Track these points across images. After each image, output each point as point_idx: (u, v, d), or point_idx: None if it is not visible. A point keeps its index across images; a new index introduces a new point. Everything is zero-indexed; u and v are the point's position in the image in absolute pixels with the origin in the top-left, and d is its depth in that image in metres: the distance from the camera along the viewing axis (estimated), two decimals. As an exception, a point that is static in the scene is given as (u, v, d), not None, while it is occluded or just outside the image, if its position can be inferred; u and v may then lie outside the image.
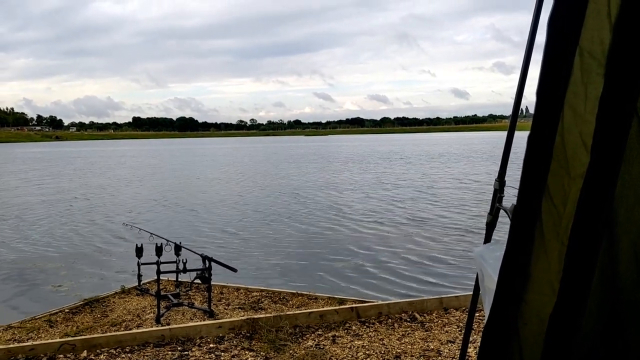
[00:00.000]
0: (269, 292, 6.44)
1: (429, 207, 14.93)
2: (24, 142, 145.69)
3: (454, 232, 11.27)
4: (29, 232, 12.42)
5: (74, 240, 11.48)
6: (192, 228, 12.69)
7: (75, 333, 5.13)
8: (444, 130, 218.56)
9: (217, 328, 4.83)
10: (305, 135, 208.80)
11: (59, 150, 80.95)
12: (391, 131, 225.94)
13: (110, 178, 28.41)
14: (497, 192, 2.47)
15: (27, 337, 5.13)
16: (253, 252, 9.91)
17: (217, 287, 6.47)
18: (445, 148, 58.67)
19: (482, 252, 2.11)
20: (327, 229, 12.06)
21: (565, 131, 1.54)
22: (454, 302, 5.47)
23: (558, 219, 1.56)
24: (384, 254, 9.51)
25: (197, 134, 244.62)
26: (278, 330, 4.75)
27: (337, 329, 4.93)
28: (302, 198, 17.86)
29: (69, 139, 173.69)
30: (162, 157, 53.05)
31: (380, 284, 7.72)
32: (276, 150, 65.02)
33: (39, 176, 30.29)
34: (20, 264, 9.38)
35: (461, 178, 23.38)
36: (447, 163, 33.81)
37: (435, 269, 8.44)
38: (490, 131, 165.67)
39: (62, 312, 5.88)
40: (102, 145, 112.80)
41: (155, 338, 4.66)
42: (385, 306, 5.37)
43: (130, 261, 7.78)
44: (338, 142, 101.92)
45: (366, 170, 29.50)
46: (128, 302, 6.20)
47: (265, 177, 27.05)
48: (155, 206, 16.91)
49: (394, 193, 18.61)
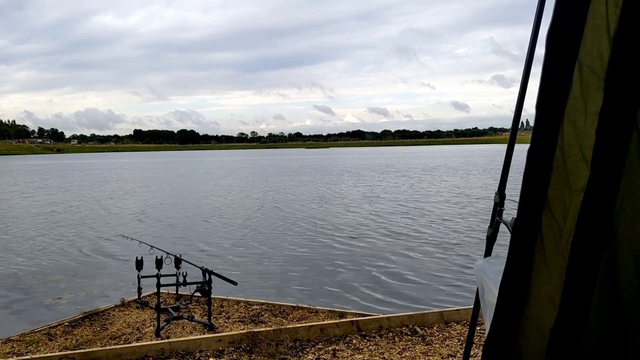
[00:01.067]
0: (269, 305, 6.42)
1: (427, 221, 14.91)
2: (25, 155, 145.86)
3: (452, 245, 11.23)
4: (28, 245, 12.40)
5: (74, 253, 11.46)
6: (191, 241, 12.66)
7: (75, 346, 5.11)
8: (444, 143, 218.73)
9: (217, 342, 4.81)
10: (306, 147, 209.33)
11: (58, 162, 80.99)
12: (392, 144, 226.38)
13: (108, 191, 28.41)
14: (497, 206, 2.47)
15: (26, 350, 5.10)
16: (253, 266, 9.88)
17: (217, 300, 6.45)
18: (442, 161, 58.73)
19: (482, 265, 2.10)
20: (328, 243, 12.03)
21: (565, 145, 1.54)
22: (454, 316, 5.44)
23: (559, 233, 1.56)
24: (384, 267, 9.48)
25: (198, 146, 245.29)
26: (278, 344, 4.73)
27: (338, 342, 4.91)
28: (301, 212, 17.84)
29: (70, 152, 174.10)
30: (161, 170, 53.08)
31: (381, 297, 7.68)
32: (275, 163, 65.06)
33: (36, 188, 30.29)
34: (20, 277, 9.36)
35: (457, 191, 23.36)
36: (442, 176, 33.79)
37: (435, 282, 8.41)
38: (490, 144, 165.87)
39: (61, 325, 5.85)
40: (102, 157, 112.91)
41: (155, 352, 4.64)
42: (385, 320, 5.35)
43: (130, 274, 7.77)
44: (338, 154, 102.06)
45: (362, 184, 29.50)
46: (128, 315, 6.17)
47: (263, 190, 27.05)
48: (153, 219, 16.89)
49: (390, 206, 18.59)
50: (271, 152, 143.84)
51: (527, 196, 1.60)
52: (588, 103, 1.48)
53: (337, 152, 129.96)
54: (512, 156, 2.44)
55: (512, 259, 1.66)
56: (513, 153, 2.45)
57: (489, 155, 68.92)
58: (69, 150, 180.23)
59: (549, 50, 1.55)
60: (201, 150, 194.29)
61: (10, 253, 11.48)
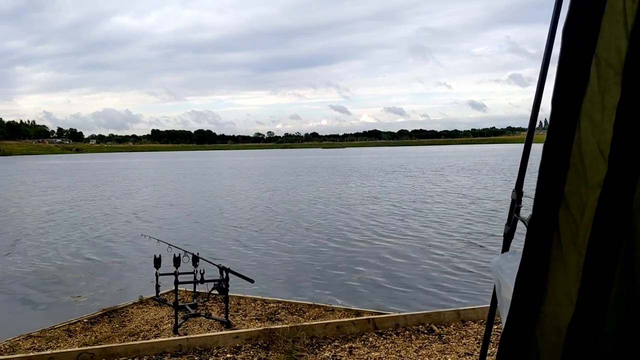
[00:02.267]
0: (285, 303, 6.44)
1: (441, 219, 14.85)
2: (44, 155, 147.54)
3: (469, 244, 11.19)
4: (49, 243, 12.56)
5: (93, 251, 11.58)
6: (209, 239, 12.74)
7: (94, 342, 5.17)
8: (461, 142, 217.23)
9: (234, 338, 4.84)
10: (322, 147, 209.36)
11: (74, 162, 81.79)
12: (408, 143, 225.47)
13: (126, 189, 28.66)
14: (514, 203, 2.46)
15: (47, 346, 5.17)
16: (270, 264, 9.91)
17: (234, 298, 6.48)
18: (454, 160, 58.38)
19: (499, 262, 2.10)
20: (343, 241, 12.04)
21: (583, 140, 1.54)
22: (471, 314, 5.42)
23: (575, 229, 1.55)
24: (400, 265, 9.47)
25: (215, 146, 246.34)
26: (295, 341, 4.75)
27: (354, 340, 4.92)
28: (317, 210, 17.87)
29: (89, 152, 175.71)
30: (175, 169, 53.41)
31: (397, 296, 7.68)
32: (290, 163, 65.15)
33: (48, 187, 30.66)
34: (40, 274, 9.48)
35: (472, 191, 23.24)
36: (456, 176, 33.60)
37: (451, 281, 8.38)
38: (508, 143, 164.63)
39: (80, 322, 5.92)
40: (120, 157, 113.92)
41: (173, 348, 4.68)
42: (402, 318, 5.34)
43: (149, 272, 7.84)
44: (352, 154, 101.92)
45: (371, 184, 29.43)
46: (146, 313, 6.23)
47: (279, 189, 27.10)
48: (171, 217, 17.01)
49: (406, 205, 18.54)
50: (287, 152, 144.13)
51: (544, 192, 1.60)
52: (605, 98, 1.48)
53: (352, 152, 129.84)
54: (529, 154, 2.44)
55: (528, 255, 1.65)
56: (530, 150, 2.45)
57: (504, 155, 68.40)
58: (88, 150, 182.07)
59: (565, 44, 1.54)
60: (218, 150, 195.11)
61: (29, 251, 11.63)
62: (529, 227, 1.69)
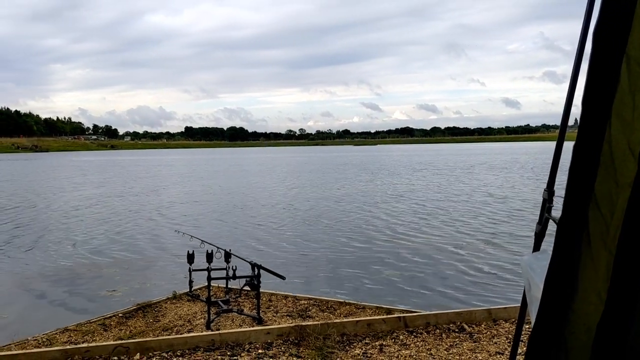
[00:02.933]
0: (316, 300, 6.48)
1: (472, 218, 14.74)
2: (80, 151, 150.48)
3: (500, 243, 11.09)
4: (84, 238, 12.85)
5: (127, 246, 11.82)
6: (240, 236, 12.87)
7: (129, 336, 5.29)
8: (495, 140, 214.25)
9: (265, 334, 4.90)
10: (354, 145, 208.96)
11: (109, 159, 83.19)
12: (441, 141, 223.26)
13: (159, 185, 29.08)
14: (545, 202, 2.46)
15: (83, 339, 5.31)
16: (300, 261, 9.99)
17: (265, 295, 6.55)
18: (486, 158, 57.66)
19: (529, 261, 2.10)
20: (374, 238, 12.04)
21: (613, 139, 1.54)
22: (502, 314, 5.39)
23: (605, 228, 1.55)
24: (430, 264, 9.44)
25: (247, 143, 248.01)
26: (325, 337, 4.79)
27: (385, 338, 4.94)
28: (348, 207, 17.89)
29: (123, 148, 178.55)
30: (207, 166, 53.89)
31: (428, 294, 7.67)
32: (321, 160, 65.17)
33: (89, 183, 31.27)
34: (77, 269, 9.72)
35: (501, 190, 22.96)
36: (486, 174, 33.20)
37: (483, 280, 8.33)
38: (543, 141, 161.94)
39: (115, 317, 6.06)
40: (153, 154, 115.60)
41: (206, 343, 4.76)
42: (433, 316, 5.34)
43: (182, 267, 7.97)
44: (383, 152, 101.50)
45: (400, 181, 29.29)
46: (179, 308, 6.34)
47: (313, 187, 27.17)
48: (203, 214, 17.22)
49: (433, 204, 18.44)
50: (318, 149, 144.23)
51: (574, 191, 1.60)
52: (636, 97, 1.48)
53: (384, 149, 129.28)
54: (561, 153, 2.42)
55: (558, 254, 1.66)
56: (562, 149, 2.44)
57: (537, 153, 67.34)
58: (122, 147, 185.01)
59: (596, 44, 1.55)
60: (249, 147, 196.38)
61: (64, 246, 11.92)
62: (558, 226, 1.70)
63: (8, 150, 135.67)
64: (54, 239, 12.87)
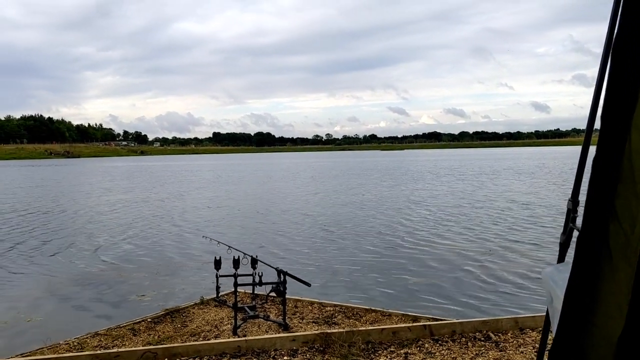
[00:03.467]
0: (342, 307, 6.50)
1: (498, 224, 14.59)
2: (110, 157, 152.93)
3: (527, 251, 10.97)
4: (114, 243, 13.06)
5: (157, 251, 11.98)
6: (265, 241, 12.94)
7: (157, 342, 5.38)
8: (525, 144, 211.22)
9: (291, 341, 4.94)
10: (381, 149, 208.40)
11: (138, 164, 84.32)
12: (469, 145, 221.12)
13: (188, 191, 29.37)
14: (570, 212, 2.45)
15: (113, 344, 5.42)
16: (325, 267, 10.01)
17: (291, 301, 6.60)
18: (512, 163, 56.92)
19: (550, 273, 2.10)
20: (398, 245, 12.02)
21: (633, 153, 1.54)
22: (530, 323, 5.35)
23: (626, 242, 1.56)
24: (457, 272, 9.38)
25: (274, 148, 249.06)
26: (351, 345, 4.81)
27: (410, 346, 4.94)
28: (372, 213, 17.86)
29: (153, 154, 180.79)
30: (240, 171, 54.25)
31: (455, 302, 7.62)
32: (348, 165, 65.10)
33: (117, 188, 31.73)
34: (107, 274, 9.89)
35: (528, 197, 22.67)
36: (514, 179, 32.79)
37: (509, 288, 8.25)
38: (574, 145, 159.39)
39: (144, 322, 6.16)
40: (181, 159, 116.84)
41: (232, 349, 4.82)
42: (459, 325, 5.32)
43: (209, 272, 8.07)
44: (409, 156, 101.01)
45: (433, 186, 29.10)
46: (207, 313, 6.42)
47: (336, 192, 27.17)
48: (227, 219, 17.36)
49: (462, 209, 18.30)
50: (344, 154, 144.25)
51: (594, 205, 1.60)
52: (656, 111, 1.48)
53: (410, 154, 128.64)
54: (586, 161, 2.41)
55: (579, 267, 1.66)
56: (587, 157, 2.42)
57: (565, 158, 66.28)
58: (152, 153, 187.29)
59: (615, 56, 1.55)
60: (277, 153, 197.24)
61: (95, 251, 12.13)
62: (579, 239, 1.70)
63: (41, 156, 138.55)
64: (83, 244, 13.11)
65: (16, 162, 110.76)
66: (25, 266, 10.70)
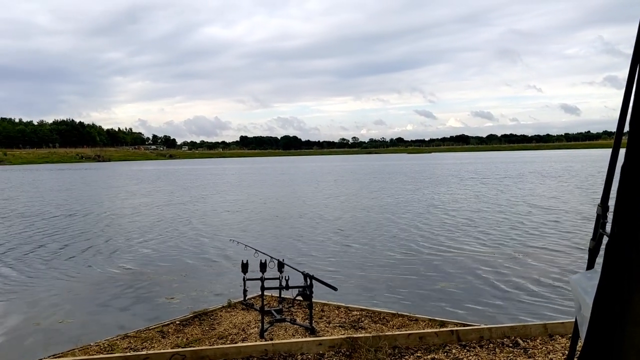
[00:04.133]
0: (369, 311, 6.49)
1: (525, 229, 14.41)
2: (140, 160, 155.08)
3: (557, 256, 10.81)
4: (143, 246, 13.24)
5: (185, 254, 12.12)
6: (290, 244, 12.98)
7: (185, 344, 5.44)
8: (554, 147, 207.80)
9: (317, 345, 4.95)
10: (407, 152, 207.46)
11: (167, 168, 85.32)
12: (498, 148, 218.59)
13: (213, 194, 29.61)
14: (599, 218, 2.41)
15: (142, 346, 5.49)
16: (351, 270, 10.01)
17: (318, 305, 6.61)
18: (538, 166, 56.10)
19: (578, 280, 2.07)
20: (423, 248, 11.96)
21: (664, 160, 1.52)
22: (559, 329, 5.27)
23: (656, 250, 1.53)
24: (485, 276, 9.30)
25: (301, 152, 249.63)
26: (377, 350, 4.80)
27: (437, 351, 4.91)
28: (399, 217, 17.79)
29: (181, 157, 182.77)
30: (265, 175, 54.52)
31: (483, 306, 7.56)
32: (372, 168, 64.91)
33: (143, 191, 32.12)
34: (137, 277, 10.03)
35: (557, 200, 22.32)
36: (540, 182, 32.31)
37: (538, 293, 8.15)
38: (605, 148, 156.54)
39: (173, 324, 6.24)
40: (208, 163, 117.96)
41: (259, 352, 4.85)
42: (486, 330, 5.27)
43: (236, 275, 8.13)
44: (435, 160, 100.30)
45: (457, 190, 28.84)
46: (234, 316, 6.47)
47: (360, 196, 27.12)
48: (253, 222, 17.45)
49: (486, 214, 18.12)
50: (370, 158, 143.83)
51: (623, 210, 1.58)
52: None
53: (437, 157, 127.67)
54: (615, 165, 2.37)
55: (608, 274, 1.64)
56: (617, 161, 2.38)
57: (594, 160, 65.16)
58: (180, 156, 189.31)
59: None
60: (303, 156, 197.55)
61: (126, 254, 12.31)
62: (608, 245, 1.68)
63: (73, 160, 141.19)
64: (112, 246, 13.32)
65: (48, 165, 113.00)
66: (57, 268, 10.91)
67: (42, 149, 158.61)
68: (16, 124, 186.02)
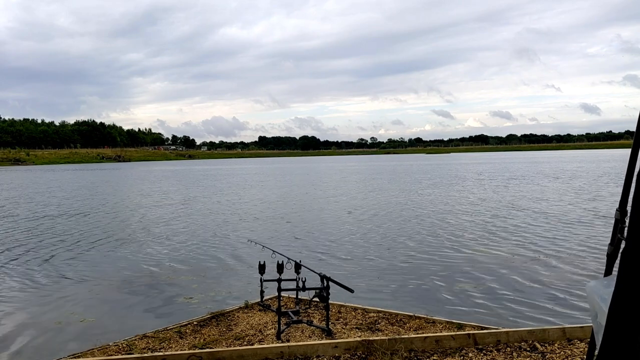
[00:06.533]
0: (386, 313, 6.48)
1: (553, 232, 14.26)
2: (159, 160, 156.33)
3: (577, 259, 10.69)
4: (162, 246, 13.34)
5: (203, 254, 12.19)
6: (306, 245, 12.99)
7: (202, 345, 5.48)
8: (575, 147, 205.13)
9: (333, 348, 4.96)
10: (426, 152, 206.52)
11: (186, 168, 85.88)
12: (518, 148, 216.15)
13: (232, 195, 29.74)
14: (618, 222, 2.38)
15: (160, 346, 5.54)
16: (367, 272, 9.99)
17: (335, 306, 6.61)
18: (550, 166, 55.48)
19: (595, 287, 2.05)
20: (441, 250, 11.89)
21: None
22: (578, 333, 5.22)
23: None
24: (503, 278, 9.23)
25: (319, 152, 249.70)
26: (393, 353, 4.79)
27: (453, 355, 4.89)
28: (417, 219, 17.72)
29: (200, 158, 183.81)
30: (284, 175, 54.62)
31: (501, 309, 7.50)
32: (388, 168, 64.71)
33: (163, 190, 32.36)
34: (157, 277, 10.11)
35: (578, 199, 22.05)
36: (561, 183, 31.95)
37: (558, 297, 8.06)
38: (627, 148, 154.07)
39: (190, 325, 6.28)
40: (226, 163, 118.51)
41: (275, 354, 4.87)
42: (504, 334, 5.23)
43: (253, 276, 8.17)
44: (452, 160, 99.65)
45: (475, 190, 28.64)
46: (251, 317, 6.50)
47: (374, 197, 27.04)
48: (269, 222, 17.50)
49: (512, 214, 17.96)
50: (388, 158, 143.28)
51: (638, 222, 1.57)
52: None
53: (455, 157, 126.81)
54: (634, 169, 2.34)
55: (624, 280, 1.63)
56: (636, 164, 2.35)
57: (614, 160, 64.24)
58: (199, 157, 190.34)
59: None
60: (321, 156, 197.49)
61: (145, 254, 12.42)
62: (624, 250, 1.66)
63: (94, 160, 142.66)
64: (131, 246, 13.44)
65: (70, 165, 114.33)
66: (76, 268, 11.03)
67: (64, 150, 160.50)
68: (39, 125, 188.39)
